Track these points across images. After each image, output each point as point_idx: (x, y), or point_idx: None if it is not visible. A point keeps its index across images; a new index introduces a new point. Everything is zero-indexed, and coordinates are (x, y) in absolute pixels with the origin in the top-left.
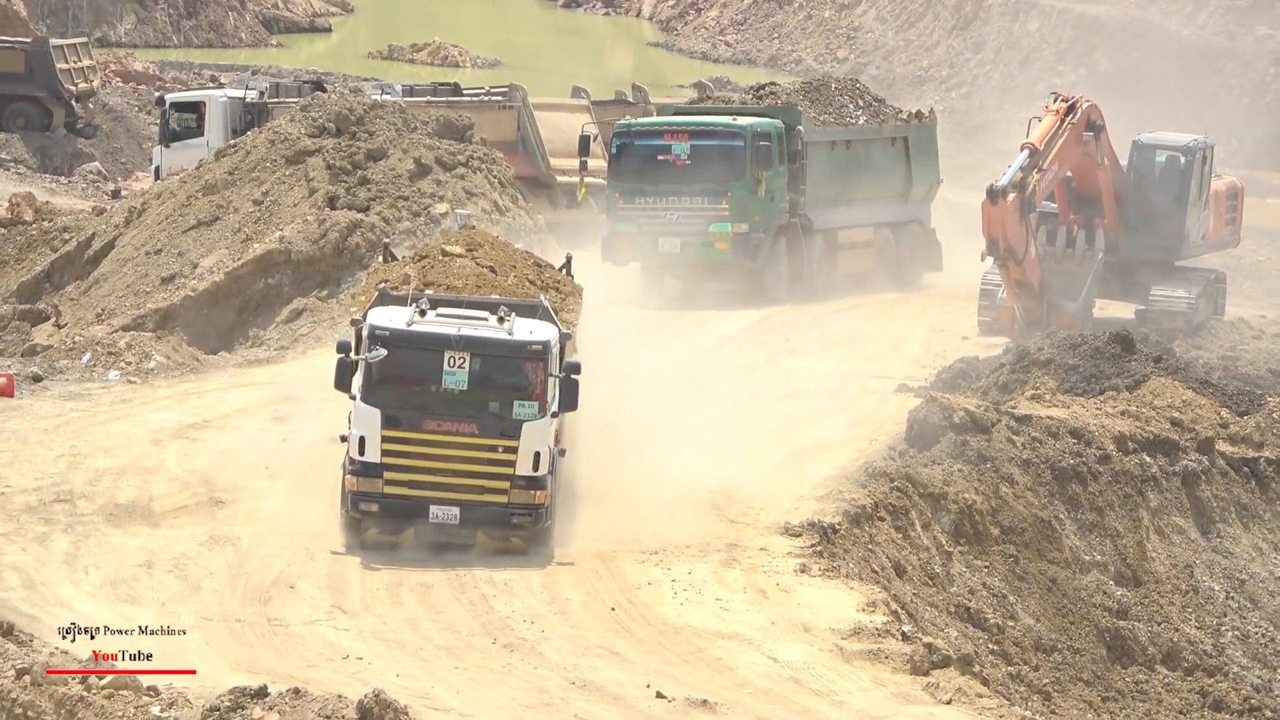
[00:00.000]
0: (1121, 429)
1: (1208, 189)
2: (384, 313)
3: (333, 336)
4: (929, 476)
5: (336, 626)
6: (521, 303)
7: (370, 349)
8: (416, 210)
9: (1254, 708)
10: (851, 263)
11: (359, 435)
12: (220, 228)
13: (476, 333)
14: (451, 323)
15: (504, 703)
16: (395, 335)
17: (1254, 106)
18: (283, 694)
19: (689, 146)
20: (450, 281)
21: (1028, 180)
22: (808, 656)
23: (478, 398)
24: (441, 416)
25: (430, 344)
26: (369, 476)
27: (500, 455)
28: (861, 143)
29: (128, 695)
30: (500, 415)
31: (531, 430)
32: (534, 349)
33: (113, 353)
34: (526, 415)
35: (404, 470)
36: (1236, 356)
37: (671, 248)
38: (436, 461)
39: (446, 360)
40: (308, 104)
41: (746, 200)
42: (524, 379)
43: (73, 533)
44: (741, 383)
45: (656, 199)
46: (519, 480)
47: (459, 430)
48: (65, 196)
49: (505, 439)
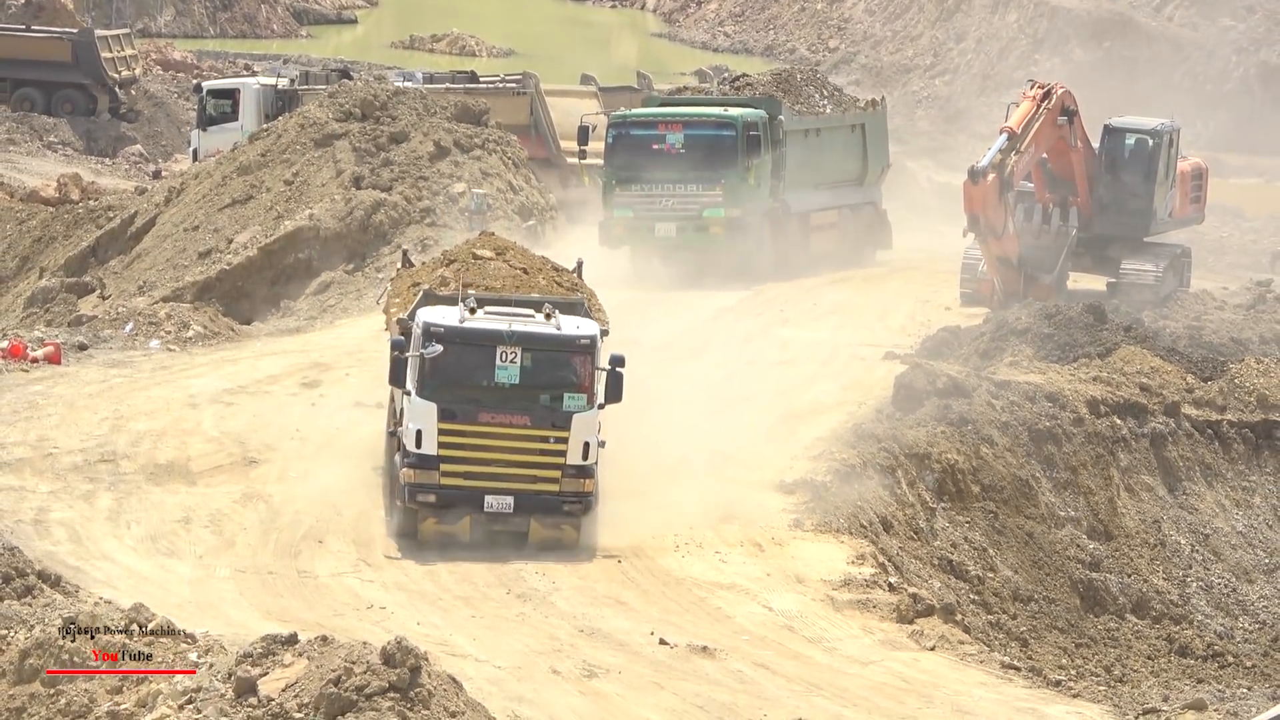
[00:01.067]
0: (1094, 394)
1: (1174, 170)
2: (435, 311)
3: (359, 307)
4: (914, 438)
5: (361, 578)
6: (563, 300)
7: (425, 345)
8: (436, 190)
9: (1217, 653)
10: (821, 243)
11: (415, 429)
12: (254, 206)
13: (527, 328)
14: (502, 319)
15: (517, 649)
16: (450, 332)
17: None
18: (311, 641)
19: (683, 136)
20: (489, 282)
21: (1006, 161)
22: (801, 606)
23: (529, 391)
24: (495, 409)
25: (483, 339)
26: (425, 468)
27: (552, 446)
28: (829, 130)
29: (167, 642)
30: (551, 407)
31: (581, 421)
32: (583, 343)
33: (153, 323)
34: (576, 407)
35: (460, 462)
36: (1201, 326)
37: (668, 232)
38: (491, 453)
39: (499, 355)
40: (335, 91)
41: (738, 187)
42: (573, 372)
43: (116, 490)
44: (739, 350)
45: (652, 186)
46: (570, 469)
47: (512, 422)
48: (109, 177)
49: (556, 430)
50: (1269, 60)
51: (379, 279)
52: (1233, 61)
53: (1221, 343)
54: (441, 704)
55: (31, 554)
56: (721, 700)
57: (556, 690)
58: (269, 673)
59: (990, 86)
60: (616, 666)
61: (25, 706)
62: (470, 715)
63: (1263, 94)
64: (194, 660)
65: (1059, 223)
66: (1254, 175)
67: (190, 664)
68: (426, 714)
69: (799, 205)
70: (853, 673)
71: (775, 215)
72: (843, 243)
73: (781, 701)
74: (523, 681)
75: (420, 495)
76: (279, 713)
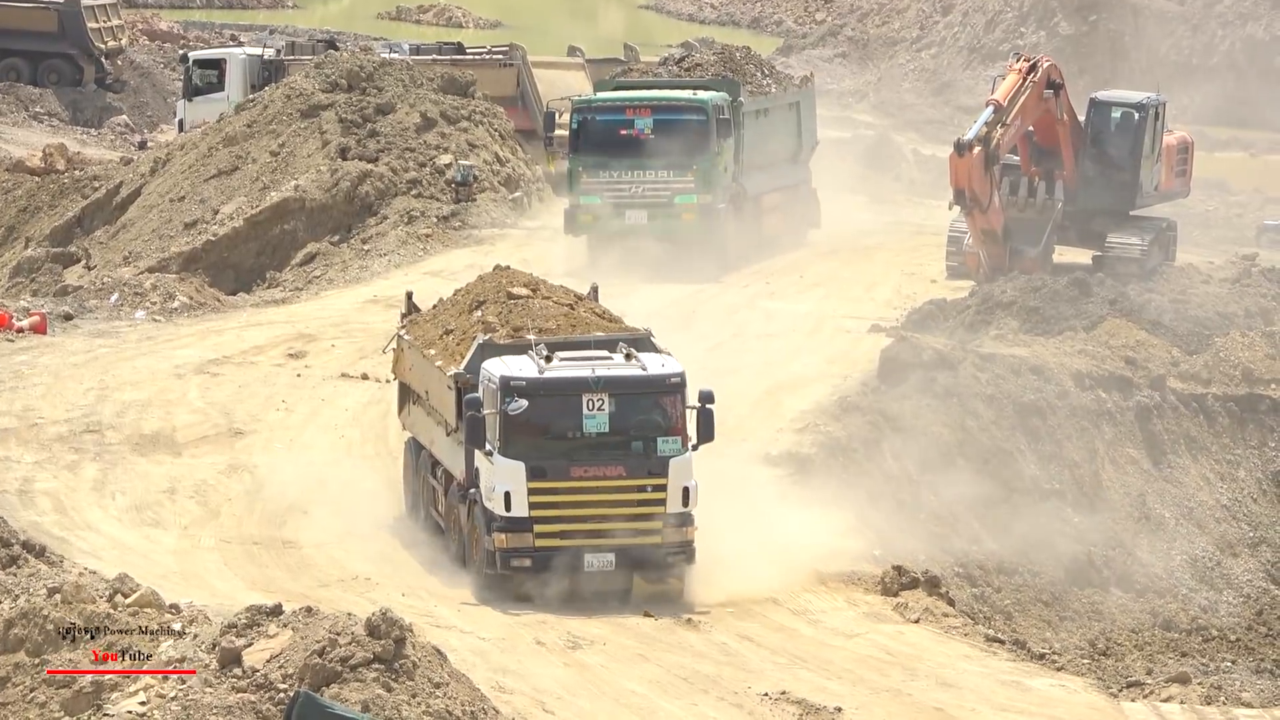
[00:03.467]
0: (1079, 367)
1: (1160, 143)
2: (503, 364)
3: (344, 279)
4: (899, 410)
5: (346, 549)
6: (630, 336)
7: (507, 401)
8: (422, 161)
9: (1201, 627)
10: (771, 226)
11: (504, 490)
12: (239, 177)
13: (612, 372)
14: (583, 365)
15: (501, 620)
16: (532, 384)
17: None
18: (296, 612)
19: (652, 120)
20: (540, 324)
21: (992, 134)
22: (786, 578)
23: (620, 438)
24: (587, 462)
25: (568, 389)
26: (518, 531)
27: (650, 495)
28: (775, 110)
29: (151, 613)
30: (645, 454)
31: (678, 466)
32: (673, 382)
33: (139, 293)
34: (671, 451)
35: (554, 521)
36: (1186, 300)
37: (638, 219)
38: (586, 508)
39: (585, 403)
40: (321, 61)
41: (710, 172)
42: (664, 414)
43: (101, 461)
44: (725, 323)
45: (620, 172)
46: (670, 518)
47: (606, 474)
48: (95, 147)
49: (653, 477)
50: (1255, 34)
51: (365, 250)
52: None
53: (1207, 316)
54: (426, 675)
55: (16, 524)
56: (706, 672)
57: (540, 661)
58: (253, 643)
59: (976, 60)
60: (600, 638)
61: (10, 676)
62: (454, 686)
63: (1248, 68)
64: (179, 631)
65: (1045, 196)
66: (1239, 149)
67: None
68: (411, 685)
69: (753, 188)
70: (837, 645)
71: (737, 200)
72: (786, 223)
73: (765, 674)
74: (507, 653)
75: (515, 561)
76: (263, 683)
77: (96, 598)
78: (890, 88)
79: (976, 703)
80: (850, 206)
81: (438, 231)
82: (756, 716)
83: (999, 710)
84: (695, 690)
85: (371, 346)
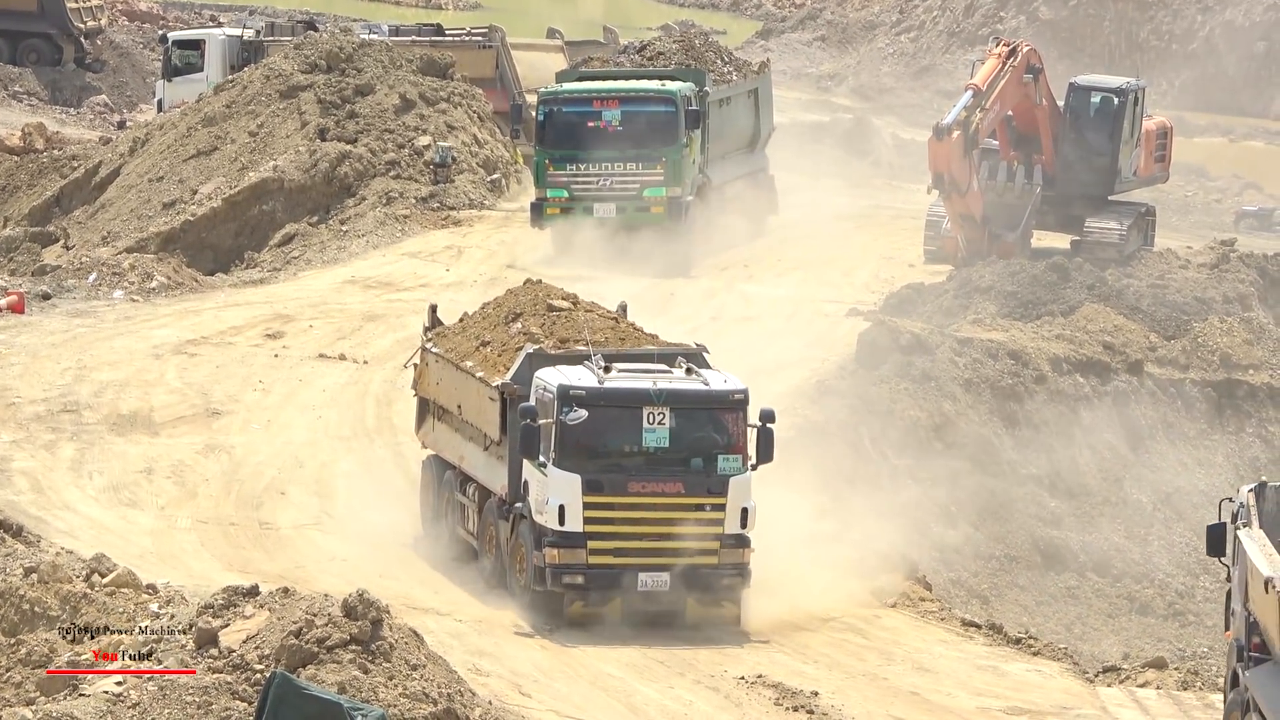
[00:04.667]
0: (1057, 351)
1: (1139, 128)
2: (559, 373)
3: (322, 259)
4: (877, 394)
5: (323, 530)
6: (684, 350)
7: (565, 411)
8: (401, 142)
9: (1178, 612)
10: (733, 215)
11: (557, 504)
12: (218, 157)
13: (674, 386)
14: (645, 377)
15: (477, 602)
16: (592, 394)
17: (1182, 52)
18: (273, 593)
19: (620, 112)
20: (587, 335)
21: (971, 119)
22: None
23: (680, 455)
24: (645, 477)
25: (629, 401)
26: (571, 547)
27: (708, 514)
28: (736, 98)
29: (128, 593)
30: (705, 471)
31: (737, 485)
32: (736, 398)
33: (117, 273)
34: (731, 470)
35: (609, 538)
36: (1165, 285)
37: (607, 212)
38: (642, 526)
39: (646, 417)
40: (301, 42)
41: (680, 164)
42: (726, 431)
43: (78, 440)
44: (703, 306)
45: (588, 165)
46: (728, 539)
47: (664, 490)
48: (74, 127)
49: (712, 496)
50: (1234, 20)
51: (343, 231)
52: (1198, 21)
53: (1185, 302)
54: (403, 657)
55: None
56: (682, 655)
57: (517, 644)
58: (230, 624)
59: (956, 44)
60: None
61: None
62: (432, 668)
63: (1228, 53)
64: (155, 612)
65: (1023, 181)
66: (1218, 134)
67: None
68: (388, 667)
69: (716, 178)
70: (813, 629)
71: (704, 191)
72: (747, 212)
73: (742, 658)
74: (484, 635)
75: (567, 577)
76: (240, 664)
77: (73, 578)
78: (869, 71)
79: (953, 687)
80: (829, 190)
81: (416, 213)
82: (733, 700)
83: (975, 694)
84: (672, 673)
85: (349, 327)
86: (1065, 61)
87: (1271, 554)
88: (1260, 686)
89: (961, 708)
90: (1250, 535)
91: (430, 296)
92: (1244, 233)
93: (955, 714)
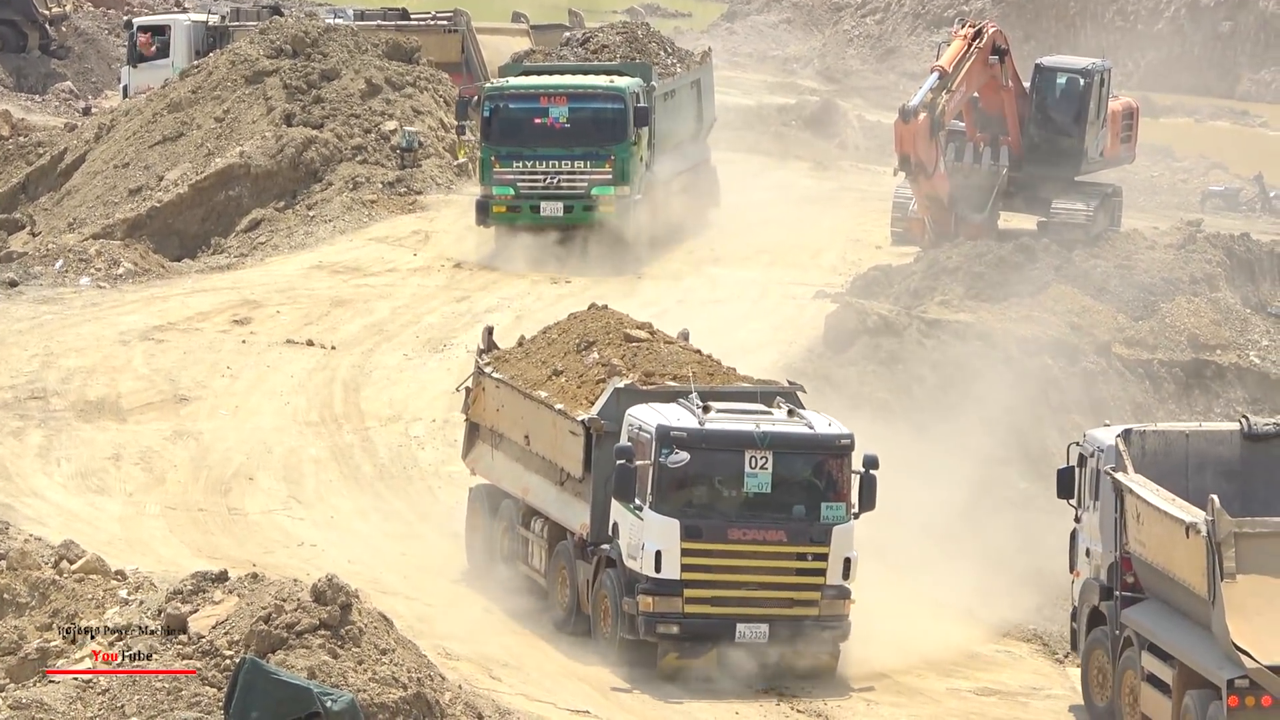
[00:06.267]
0: (1024, 333)
1: (1105, 109)
2: (655, 412)
3: (289, 245)
4: (845, 376)
5: (292, 516)
6: (779, 389)
7: (665, 452)
8: (367, 127)
9: None
10: (681, 208)
11: (654, 549)
12: (184, 143)
13: (778, 429)
14: (747, 418)
15: (446, 586)
16: (693, 435)
17: (1148, 33)
18: (241, 578)
19: (568, 109)
20: (672, 370)
21: (937, 100)
22: None
23: (782, 501)
24: (746, 524)
25: (732, 444)
26: (667, 595)
27: (810, 564)
28: (680, 90)
29: (97, 579)
30: (808, 519)
31: (840, 534)
32: (842, 443)
33: (84, 259)
34: (835, 518)
35: (707, 586)
36: (1131, 266)
37: (554, 211)
38: (741, 574)
39: (748, 461)
40: (266, 27)
41: (628, 162)
42: (830, 478)
43: (46, 427)
44: (670, 289)
45: (535, 162)
46: (830, 590)
47: (765, 538)
48: (39, 114)
49: (815, 545)
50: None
51: (310, 217)
52: (1164, 1)
53: (1152, 282)
54: (372, 641)
55: None
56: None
57: (487, 629)
58: (199, 610)
59: (922, 25)
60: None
61: None
62: (401, 653)
63: (1194, 34)
64: (124, 598)
65: (990, 162)
66: (1184, 115)
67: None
68: (357, 651)
69: (662, 173)
70: None
71: (651, 188)
72: (691, 205)
73: None
74: (453, 620)
75: (661, 626)
76: (209, 650)
77: (42, 564)
78: (835, 54)
79: (924, 668)
80: (795, 172)
81: (383, 198)
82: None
83: (944, 676)
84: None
85: (317, 312)
86: (1031, 43)
87: (1174, 499)
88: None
89: (932, 689)
90: (1133, 480)
91: (397, 281)
92: (1210, 213)
93: (926, 695)
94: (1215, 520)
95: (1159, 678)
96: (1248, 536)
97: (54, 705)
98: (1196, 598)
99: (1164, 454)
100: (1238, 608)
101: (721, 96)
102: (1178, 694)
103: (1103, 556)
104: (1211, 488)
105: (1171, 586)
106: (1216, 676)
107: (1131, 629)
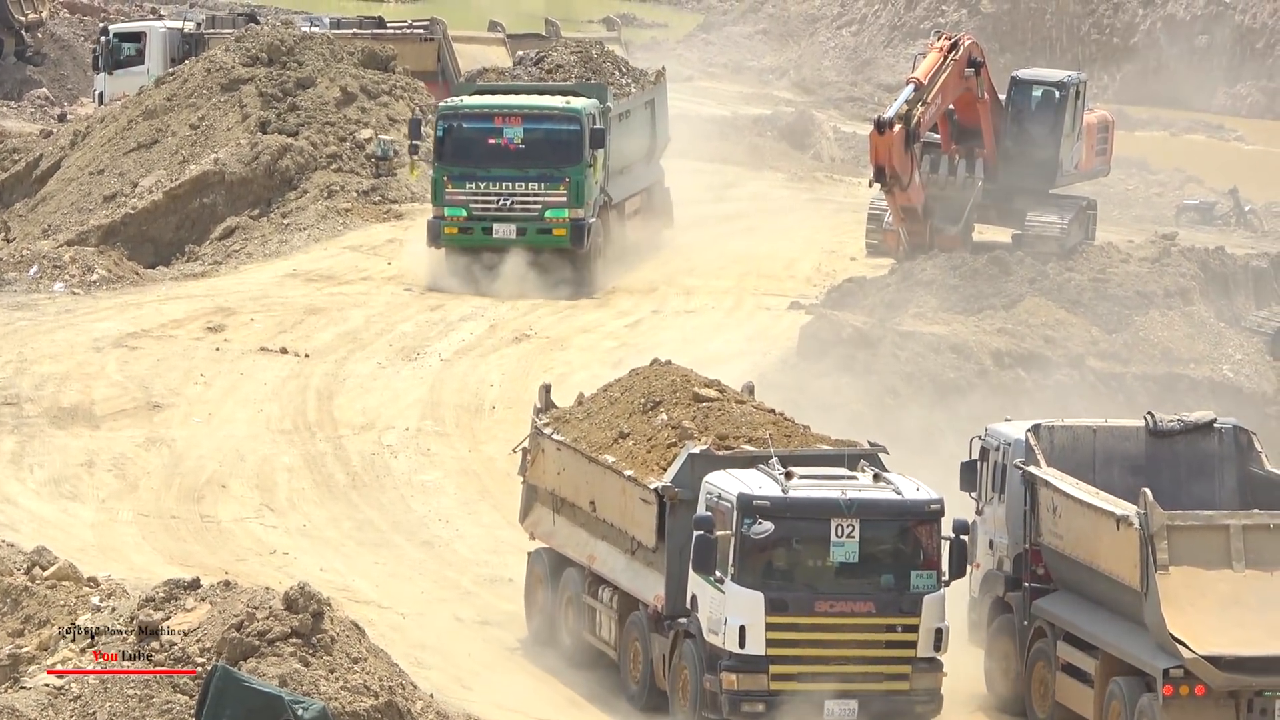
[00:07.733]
0: (998, 345)
1: (1080, 122)
2: (736, 479)
3: (263, 253)
4: (819, 388)
5: (264, 524)
6: (861, 451)
7: (748, 523)
8: (343, 135)
9: None
10: (633, 231)
11: (737, 624)
12: (159, 150)
13: (864, 495)
14: (832, 485)
15: (418, 595)
16: (776, 504)
17: (1123, 46)
18: (214, 586)
19: (522, 130)
20: (746, 432)
21: (913, 112)
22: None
23: (869, 570)
24: (833, 596)
25: (817, 512)
26: (752, 672)
27: (900, 636)
28: (635, 110)
29: (69, 586)
30: (897, 589)
31: (931, 604)
32: (932, 509)
33: (58, 266)
34: (925, 587)
35: (793, 661)
36: (1106, 279)
37: (507, 233)
38: (829, 648)
39: (834, 529)
40: (242, 35)
41: (583, 184)
42: (919, 545)
43: (19, 434)
44: (643, 300)
45: (488, 183)
46: (920, 663)
47: (854, 610)
48: (14, 120)
49: (905, 616)
50: (1175, 14)
51: (284, 224)
52: (1140, 15)
53: (1126, 295)
54: (344, 650)
55: None
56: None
57: (458, 638)
58: (171, 617)
59: (898, 37)
60: (518, 613)
61: None
62: (373, 661)
63: (1169, 47)
64: (96, 605)
65: (965, 174)
66: (1160, 128)
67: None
68: (329, 660)
69: (616, 194)
70: None
71: (605, 210)
72: (645, 226)
73: None
74: (425, 629)
75: (746, 705)
76: (181, 657)
77: (14, 570)
78: (811, 65)
79: None
80: (770, 184)
81: (358, 206)
82: None
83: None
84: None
85: (291, 320)
86: (1007, 55)
87: (1096, 492)
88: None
89: None
90: (1051, 474)
91: (371, 290)
92: (1185, 226)
93: None
94: (1148, 513)
95: (1078, 667)
96: (1179, 529)
97: (25, 711)
98: (1125, 589)
99: (1072, 448)
100: (1171, 599)
101: (696, 107)
102: (1100, 683)
103: (1008, 548)
104: (1118, 482)
105: (1093, 578)
106: (1151, 667)
107: (1044, 619)
